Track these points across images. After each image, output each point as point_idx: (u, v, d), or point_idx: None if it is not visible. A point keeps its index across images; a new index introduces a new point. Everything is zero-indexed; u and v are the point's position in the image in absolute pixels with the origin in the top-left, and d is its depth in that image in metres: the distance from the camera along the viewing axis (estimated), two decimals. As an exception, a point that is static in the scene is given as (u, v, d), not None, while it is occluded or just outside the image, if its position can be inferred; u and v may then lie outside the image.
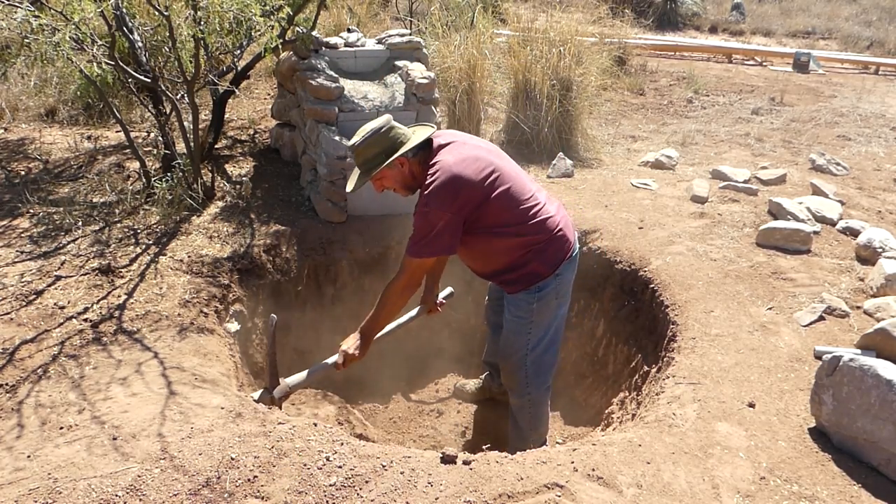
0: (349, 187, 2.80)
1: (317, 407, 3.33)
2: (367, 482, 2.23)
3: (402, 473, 2.27)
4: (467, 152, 2.67)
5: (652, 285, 3.65)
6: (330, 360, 2.89)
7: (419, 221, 2.63)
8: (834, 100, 7.72)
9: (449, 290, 3.51)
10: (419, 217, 2.63)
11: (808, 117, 6.88)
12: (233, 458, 2.29)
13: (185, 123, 4.02)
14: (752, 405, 2.74)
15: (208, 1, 3.53)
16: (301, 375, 2.90)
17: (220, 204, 4.11)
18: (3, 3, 3.47)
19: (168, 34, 3.71)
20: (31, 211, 3.91)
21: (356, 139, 2.70)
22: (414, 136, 2.74)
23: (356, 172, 2.79)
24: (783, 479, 2.38)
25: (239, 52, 4.59)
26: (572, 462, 2.37)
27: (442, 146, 2.72)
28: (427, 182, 2.61)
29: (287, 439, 2.39)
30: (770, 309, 3.42)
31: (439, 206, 2.58)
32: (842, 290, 3.59)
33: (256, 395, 2.78)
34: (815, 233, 4.15)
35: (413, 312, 3.26)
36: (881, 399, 2.39)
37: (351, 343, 2.81)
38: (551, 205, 2.86)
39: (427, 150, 2.73)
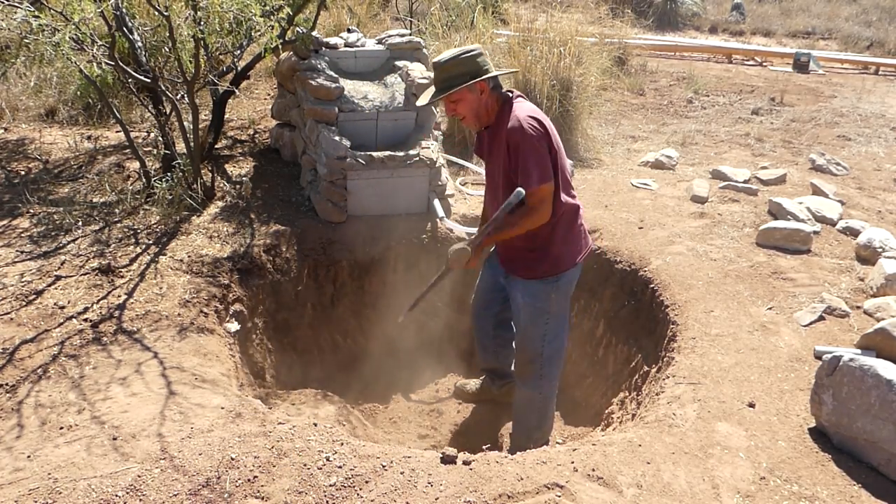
0: (421, 101, 2.86)
1: (317, 407, 3.33)
2: (367, 482, 2.23)
3: (402, 473, 2.27)
4: (541, 115, 2.77)
5: (652, 285, 3.65)
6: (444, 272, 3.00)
7: (527, 152, 2.66)
8: (834, 100, 7.72)
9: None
10: (527, 148, 2.66)
11: (808, 117, 6.88)
12: (233, 458, 2.29)
13: (185, 123, 4.02)
14: (752, 405, 2.74)
15: (208, 1, 3.53)
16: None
17: (220, 204, 4.11)
18: (3, 3, 3.47)
19: (168, 34, 3.70)
20: (31, 211, 3.91)
21: (443, 56, 2.77)
22: (499, 70, 2.84)
23: (430, 91, 2.84)
24: (783, 479, 2.38)
25: (239, 52, 4.59)
26: (572, 462, 2.37)
27: (520, 96, 2.83)
28: (510, 120, 2.69)
29: (287, 439, 2.39)
30: (770, 309, 3.42)
31: (532, 134, 2.65)
32: (842, 290, 3.59)
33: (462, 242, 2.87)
34: (815, 233, 4.16)
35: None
36: (881, 399, 2.39)
37: (467, 251, 2.87)
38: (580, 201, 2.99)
39: (505, 95, 2.81)
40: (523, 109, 2.73)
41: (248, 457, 2.30)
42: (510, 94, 2.83)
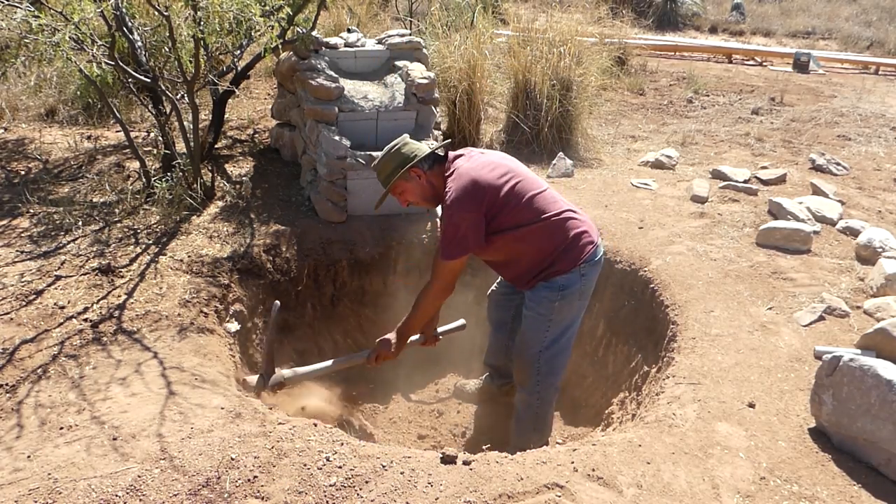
0: (375, 206, 3.03)
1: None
2: (367, 482, 2.23)
3: (402, 473, 2.27)
4: (483, 159, 2.86)
5: (652, 285, 3.65)
6: (358, 356, 3.03)
7: (445, 225, 2.78)
8: (834, 100, 7.72)
9: (460, 322, 3.48)
10: (445, 221, 2.78)
11: (808, 117, 6.88)
12: (233, 458, 2.29)
13: (185, 123, 4.02)
14: (752, 405, 2.74)
15: (208, 1, 3.53)
16: (302, 370, 2.98)
17: (220, 204, 4.11)
18: (3, 3, 3.47)
19: (168, 34, 3.71)
20: (31, 211, 3.91)
21: (376, 160, 2.93)
22: (428, 149, 2.91)
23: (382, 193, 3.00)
24: (783, 479, 2.38)
25: (239, 52, 4.59)
26: (572, 462, 2.37)
27: (458, 156, 2.89)
28: (447, 188, 2.78)
29: (287, 439, 2.39)
30: (770, 309, 3.42)
31: (460, 207, 2.73)
32: (842, 290, 3.59)
33: (253, 378, 2.85)
34: (815, 233, 4.15)
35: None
36: (881, 399, 2.39)
37: (388, 342, 2.99)
38: (573, 206, 2.95)
39: (444, 163, 2.89)
40: (460, 175, 2.76)
41: (248, 457, 2.30)
42: (454, 160, 2.85)
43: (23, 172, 4.41)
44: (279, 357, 3.73)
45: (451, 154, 2.91)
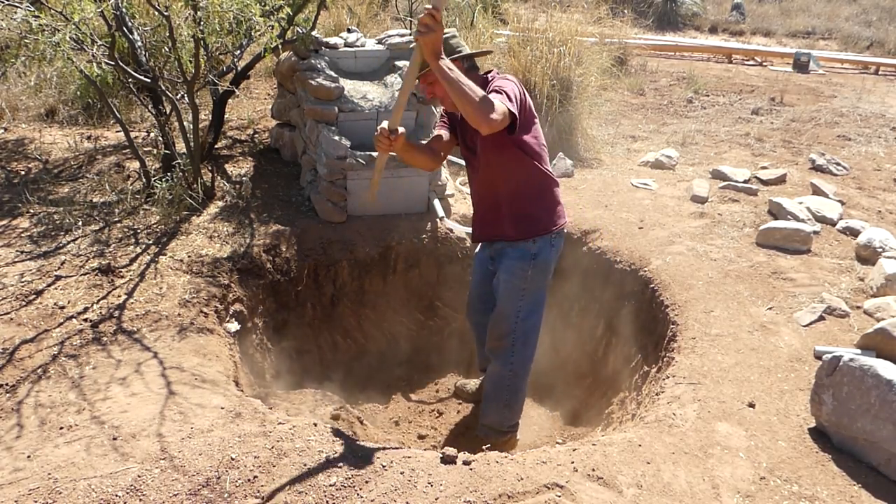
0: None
1: (316, 407, 3.33)
2: (367, 482, 2.23)
3: (402, 473, 2.27)
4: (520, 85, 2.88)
5: (652, 285, 3.65)
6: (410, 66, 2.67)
7: (500, 86, 2.73)
8: (834, 100, 7.71)
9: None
10: (497, 93, 2.67)
11: (808, 117, 6.88)
12: (233, 458, 2.29)
13: (185, 123, 4.02)
14: (752, 405, 2.74)
15: (208, 1, 3.53)
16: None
17: (220, 204, 4.11)
18: (3, 3, 3.47)
19: (168, 34, 3.70)
20: (31, 211, 3.91)
21: None
22: (470, 51, 2.91)
23: None
24: (783, 479, 2.38)
25: (239, 52, 4.59)
26: (572, 462, 2.37)
27: (498, 75, 2.91)
28: (490, 82, 2.79)
29: (287, 439, 2.39)
30: (770, 309, 3.42)
31: (509, 80, 2.77)
32: (842, 290, 3.59)
33: None
34: (815, 233, 4.15)
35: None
36: (881, 399, 2.39)
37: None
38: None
39: (483, 77, 2.89)
40: (502, 76, 2.83)
41: (248, 457, 2.30)
42: (488, 75, 2.89)
43: (23, 172, 4.40)
44: (280, 357, 3.73)
45: (494, 72, 2.92)
